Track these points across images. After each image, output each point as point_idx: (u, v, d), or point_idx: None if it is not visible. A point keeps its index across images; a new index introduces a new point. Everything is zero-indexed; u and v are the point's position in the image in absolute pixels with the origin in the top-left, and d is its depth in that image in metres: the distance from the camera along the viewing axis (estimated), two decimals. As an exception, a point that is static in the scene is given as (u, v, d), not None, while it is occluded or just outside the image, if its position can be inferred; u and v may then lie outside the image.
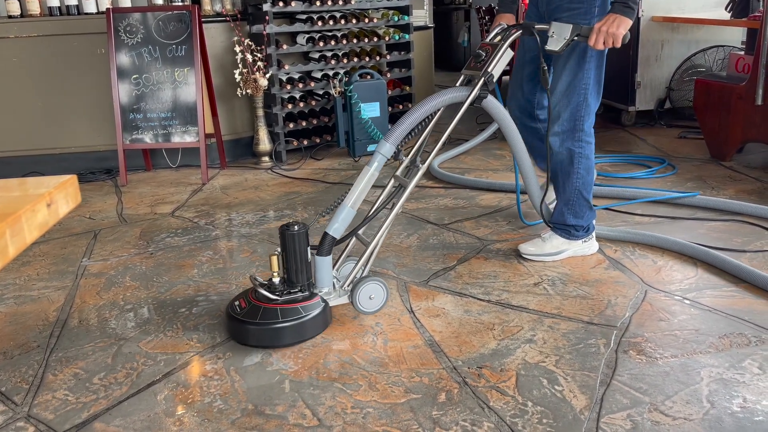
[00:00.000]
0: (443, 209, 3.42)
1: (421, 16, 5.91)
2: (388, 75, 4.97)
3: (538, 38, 2.37)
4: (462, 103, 2.37)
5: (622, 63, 5.02)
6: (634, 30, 4.85)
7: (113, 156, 4.38)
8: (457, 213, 3.31)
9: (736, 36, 4.99)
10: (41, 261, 2.99)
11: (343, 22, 4.65)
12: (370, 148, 4.63)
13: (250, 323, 2.12)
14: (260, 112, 4.47)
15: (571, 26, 2.33)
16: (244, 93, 4.37)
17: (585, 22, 2.40)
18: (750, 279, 2.37)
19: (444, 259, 2.78)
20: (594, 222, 2.72)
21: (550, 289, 2.45)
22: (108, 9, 4.14)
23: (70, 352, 2.18)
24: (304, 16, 4.59)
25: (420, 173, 2.35)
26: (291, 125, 4.60)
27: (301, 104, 4.63)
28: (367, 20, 4.78)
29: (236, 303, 2.21)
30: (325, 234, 2.21)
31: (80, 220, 3.56)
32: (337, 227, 2.21)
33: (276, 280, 2.21)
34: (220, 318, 2.35)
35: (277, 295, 2.16)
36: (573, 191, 2.61)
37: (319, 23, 4.54)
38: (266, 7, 4.32)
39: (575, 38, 2.33)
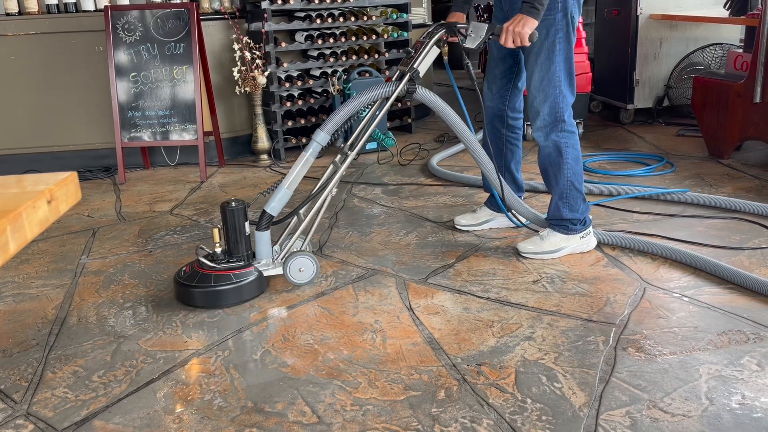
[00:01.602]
0: (442, 207, 3.42)
1: (420, 13, 5.90)
2: (387, 73, 4.97)
3: (460, 37, 2.52)
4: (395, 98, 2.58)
5: (621, 61, 5.02)
6: (633, 28, 4.86)
7: (112, 154, 4.37)
8: (455, 210, 3.31)
9: (734, 34, 4.99)
10: (40, 259, 2.99)
11: (341, 19, 4.64)
12: (369, 146, 4.63)
13: (188, 286, 2.41)
14: (259, 110, 4.47)
15: (486, 26, 2.46)
16: (242, 91, 4.36)
17: (551, 17, 2.50)
18: (746, 284, 2.36)
19: (443, 257, 2.78)
20: (590, 216, 2.74)
21: (548, 287, 2.45)
22: (106, 6, 4.13)
23: (69, 349, 2.18)
24: (302, 14, 4.59)
25: (348, 160, 2.57)
26: (290, 123, 4.59)
27: (300, 102, 4.62)
28: (365, 18, 4.77)
29: (183, 269, 2.51)
30: (264, 212, 2.49)
31: (79, 218, 3.56)
32: (274, 206, 2.48)
33: (218, 250, 2.49)
34: (220, 316, 2.36)
35: (216, 264, 2.44)
36: (565, 183, 2.65)
37: (318, 21, 4.53)
38: (265, 4, 4.31)
39: (490, 37, 2.47)
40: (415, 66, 2.56)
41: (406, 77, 2.53)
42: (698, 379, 1.83)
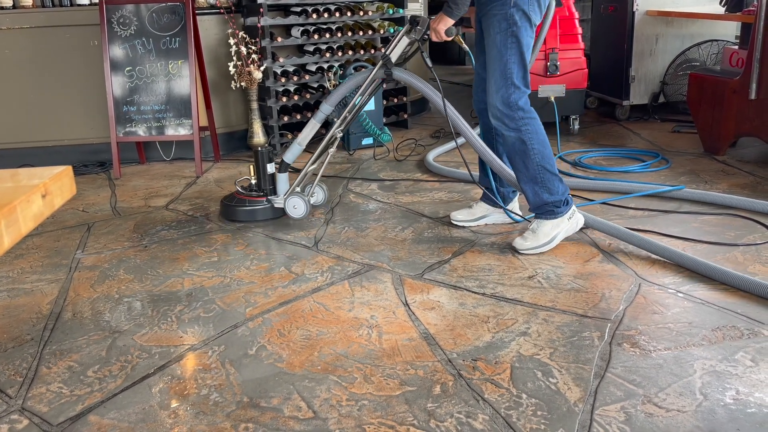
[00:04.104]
0: (438, 203, 3.42)
1: (416, 9, 5.89)
2: (383, 68, 4.95)
3: (417, 29, 2.78)
4: (380, 79, 3.01)
5: (617, 57, 5.02)
6: (629, 24, 4.86)
7: (107, 149, 4.35)
8: (452, 206, 3.31)
9: (730, 30, 5.00)
10: (35, 254, 2.98)
11: (337, 14, 4.63)
12: (365, 141, 4.63)
13: (223, 203, 3.34)
14: (254, 105, 4.46)
15: (429, 21, 2.73)
16: (238, 86, 4.35)
17: (502, 12, 2.56)
18: (737, 283, 2.36)
19: (439, 253, 2.78)
20: (569, 196, 2.75)
21: (544, 282, 2.46)
22: (101, 0, 4.11)
23: (64, 345, 2.18)
24: (298, 9, 4.57)
25: (336, 125, 3.11)
26: (285, 118, 4.58)
27: (296, 97, 4.61)
28: (361, 13, 4.76)
29: (230, 194, 3.39)
30: (282, 160, 3.19)
31: (74, 212, 3.55)
32: (288, 155, 3.20)
33: (253, 182, 3.30)
34: (215, 311, 2.35)
35: (243, 192, 3.30)
36: (535, 168, 2.67)
37: (314, 16, 4.52)
38: (261, -1, 4.30)
39: (427, 31, 2.77)
40: (387, 53, 2.92)
41: (380, 63, 2.94)
42: (693, 375, 1.84)
